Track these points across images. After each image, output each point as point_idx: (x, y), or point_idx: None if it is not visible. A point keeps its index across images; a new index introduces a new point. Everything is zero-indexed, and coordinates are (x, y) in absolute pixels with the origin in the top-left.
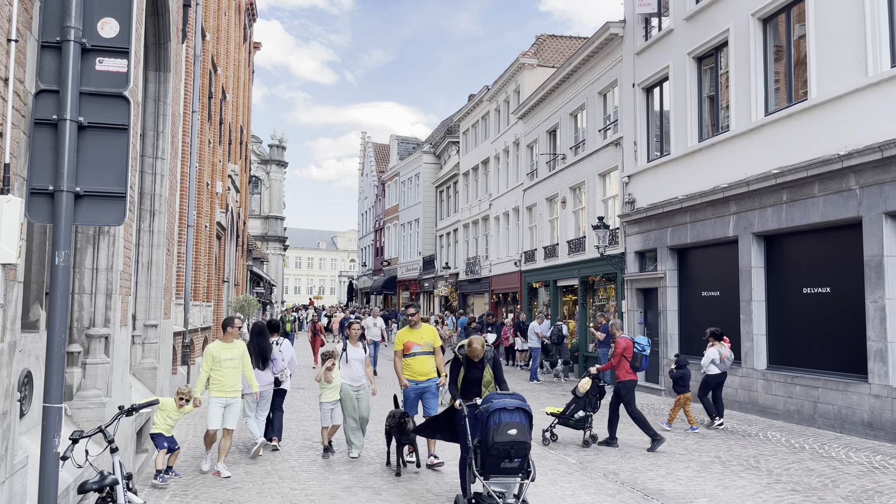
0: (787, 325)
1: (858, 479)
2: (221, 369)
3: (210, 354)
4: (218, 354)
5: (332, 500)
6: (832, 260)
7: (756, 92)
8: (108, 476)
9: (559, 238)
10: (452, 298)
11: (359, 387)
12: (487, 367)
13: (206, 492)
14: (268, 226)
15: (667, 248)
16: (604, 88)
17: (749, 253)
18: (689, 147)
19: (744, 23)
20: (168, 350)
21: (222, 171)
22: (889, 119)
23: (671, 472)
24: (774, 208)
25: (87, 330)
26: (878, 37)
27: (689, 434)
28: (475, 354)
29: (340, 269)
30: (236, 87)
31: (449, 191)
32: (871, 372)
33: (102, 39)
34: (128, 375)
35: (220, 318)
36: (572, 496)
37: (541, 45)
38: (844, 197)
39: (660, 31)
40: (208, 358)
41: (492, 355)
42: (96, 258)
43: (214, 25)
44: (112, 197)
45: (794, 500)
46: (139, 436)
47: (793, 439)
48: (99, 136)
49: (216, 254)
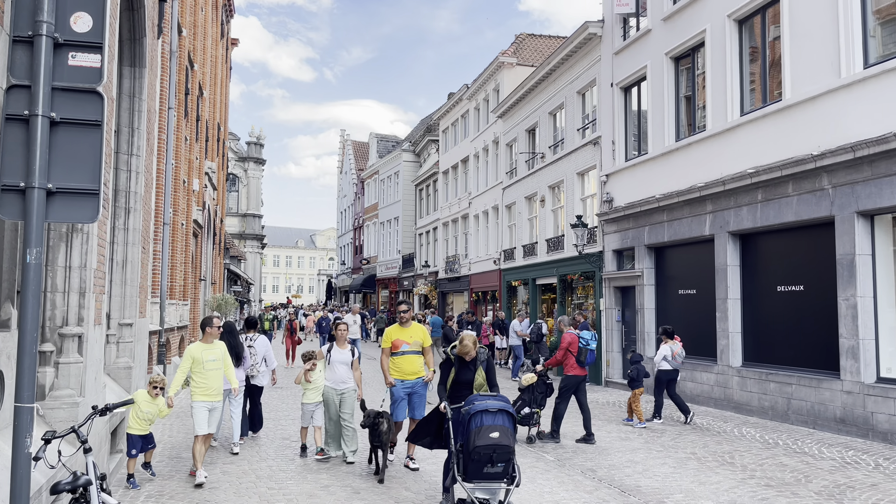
0: (761, 323)
1: (831, 475)
2: (205, 371)
3: (191, 356)
4: (200, 356)
5: (309, 499)
6: (805, 258)
7: (732, 92)
8: (81, 477)
9: (538, 237)
10: (432, 297)
11: (342, 390)
12: (480, 369)
13: (181, 492)
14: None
15: (644, 247)
16: (582, 88)
17: (725, 251)
18: (667, 146)
19: (720, 24)
20: (143, 349)
21: (199, 169)
22: (861, 120)
23: (648, 469)
24: (749, 207)
25: (60, 329)
26: (851, 38)
27: (644, 429)
28: (466, 351)
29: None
30: (213, 84)
31: (428, 189)
32: (843, 369)
33: (75, 34)
34: (102, 375)
35: (198, 317)
36: (550, 493)
37: (520, 44)
38: (817, 196)
39: (638, 32)
40: (188, 359)
41: (485, 357)
42: (69, 256)
43: (191, 21)
44: (85, 194)
45: (767, 495)
46: (113, 436)
47: (767, 435)
48: (72, 132)
49: (193, 252)
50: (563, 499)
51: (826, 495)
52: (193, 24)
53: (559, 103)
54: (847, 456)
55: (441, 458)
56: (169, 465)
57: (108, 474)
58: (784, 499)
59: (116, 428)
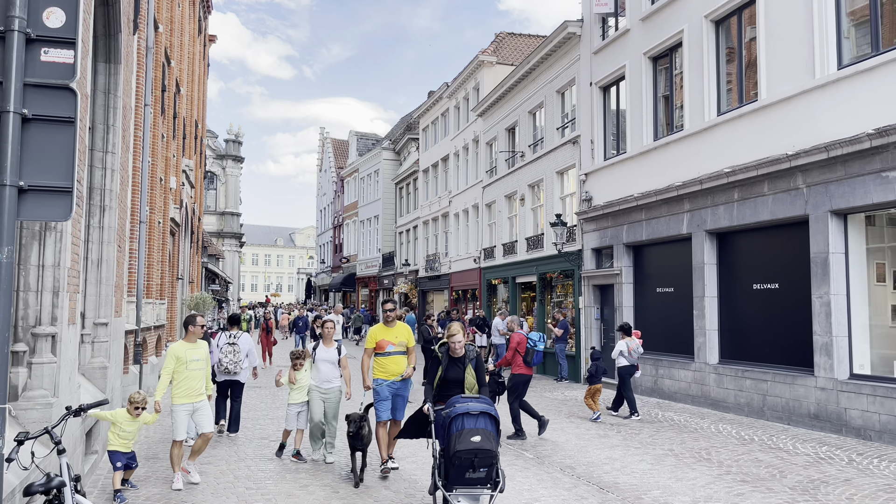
0: (738, 321)
1: (805, 470)
2: (188, 371)
3: (174, 355)
4: (184, 355)
5: (288, 499)
6: (781, 257)
7: (709, 92)
8: (55, 478)
9: (518, 235)
10: (412, 295)
11: (327, 390)
12: (469, 368)
13: (157, 493)
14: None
15: (623, 245)
16: (562, 87)
17: (702, 250)
18: (645, 146)
19: (697, 24)
20: (119, 349)
21: (176, 166)
22: (835, 120)
23: (626, 466)
24: (726, 206)
25: (33, 328)
26: (825, 40)
27: (621, 424)
28: (453, 333)
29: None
30: (191, 81)
31: (409, 187)
32: (817, 365)
33: (48, 29)
34: (76, 375)
35: (175, 316)
36: (529, 491)
37: (500, 43)
38: (792, 196)
39: (616, 31)
40: (172, 358)
41: (474, 355)
42: (42, 255)
43: (168, 17)
44: (58, 191)
45: (743, 490)
46: (88, 437)
47: (743, 431)
48: (44, 129)
49: (170, 250)
50: (541, 496)
51: (800, 490)
52: (170, 19)
53: (539, 102)
54: (821, 451)
55: (422, 457)
56: (145, 465)
57: (83, 475)
58: (759, 494)
59: (91, 429)
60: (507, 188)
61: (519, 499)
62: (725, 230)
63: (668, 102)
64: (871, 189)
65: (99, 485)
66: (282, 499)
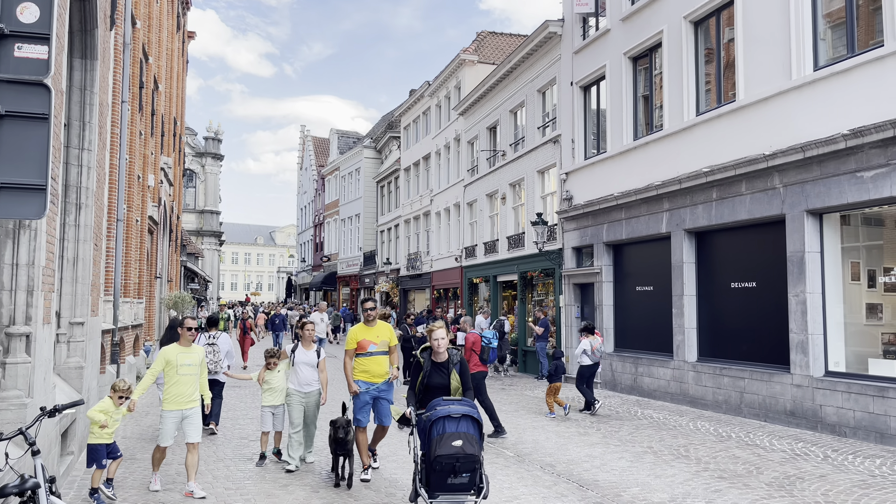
0: (716, 319)
1: (781, 466)
2: (178, 376)
3: (165, 358)
4: (174, 359)
5: (267, 499)
6: (758, 256)
7: (688, 92)
8: (29, 479)
9: (499, 234)
10: (394, 294)
11: (307, 393)
12: (454, 372)
13: (134, 496)
14: (203, 220)
15: (603, 244)
16: (543, 86)
17: (681, 249)
18: (625, 145)
19: (676, 25)
20: (96, 348)
21: (154, 164)
22: (811, 121)
23: (606, 463)
24: (705, 205)
25: (7, 328)
26: (802, 42)
27: (600, 422)
28: (437, 339)
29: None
30: (169, 78)
31: (390, 186)
32: (794, 363)
33: (22, 25)
34: (51, 375)
35: (153, 315)
36: (510, 489)
37: (481, 42)
38: (769, 195)
39: (597, 31)
40: (161, 361)
41: (458, 358)
42: (16, 253)
43: (145, 13)
44: (32, 189)
45: (720, 486)
46: (64, 438)
47: (720, 428)
48: (18, 126)
49: (148, 249)
50: (522, 494)
51: (777, 486)
52: (148, 15)
53: (520, 101)
54: (797, 448)
55: (403, 456)
56: (121, 466)
57: (58, 477)
58: (736, 490)
59: (67, 430)
60: (489, 187)
61: (499, 497)
62: (704, 229)
63: (648, 102)
64: (846, 189)
65: (75, 486)
66: (261, 499)
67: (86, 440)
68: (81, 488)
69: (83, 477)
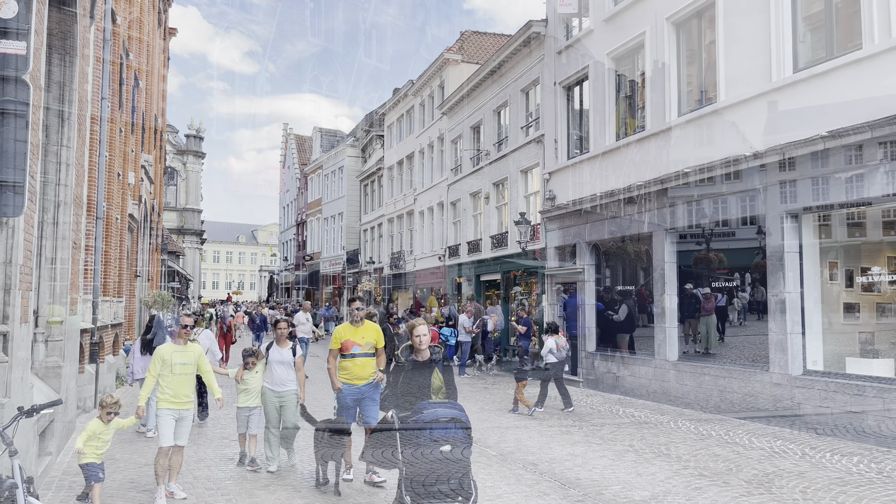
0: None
1: (760, 464)
2: (172, 375)
3: (160, 357)
4: (169, 358)
5: (249, 499)
6: (739, 255)
7: (670, 93)
8: (6, 480)
9: (482, 233)
10: (377, 293)
11: (282, 393)
12: (436, 372)
13: (113, 494)
14: (184, 218)
15: (585, 244)
16: (526, 86)
17: (662, 248)
18: (608, 146)
19: (659, 26)
20: (74, 348)
21: (135, 161)
22: (790, 122)
23: (587, 462)
24: (686, 206)
25: None
26: (782, 44)
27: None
28: (418, 330)
29: (261, 263)
30: (150, 74)
31: (373, 185)
32: (772, 362)
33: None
34: (29, 375)
35: (133, 314)
36: (492, 488)
37: (465, 42)
38: (749, 195)
39: (580, 32)
40: (157, 360)
41: (440, 357)
42: None
43: (126, 9)
44: (9, 186)
45: (700, 484)
46: (42, 438)
47: (701, 427)
48: None
49: (128, 247)
50: (504, 493)
51: (756, 484)
52: (129, 11)
53: (503, 101)
54: (776, 446)
55: None
56: None
57: (36, 477)
58: (716, 488)
59: (45, 430)
60: (472, 186)
61: (482, 496)
62: (685, 230)
63: (631, 103)
64: (824, 190)
65: (53, 487)
66: (243, 499)
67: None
68: (59, 489)
69: (61, 478)
